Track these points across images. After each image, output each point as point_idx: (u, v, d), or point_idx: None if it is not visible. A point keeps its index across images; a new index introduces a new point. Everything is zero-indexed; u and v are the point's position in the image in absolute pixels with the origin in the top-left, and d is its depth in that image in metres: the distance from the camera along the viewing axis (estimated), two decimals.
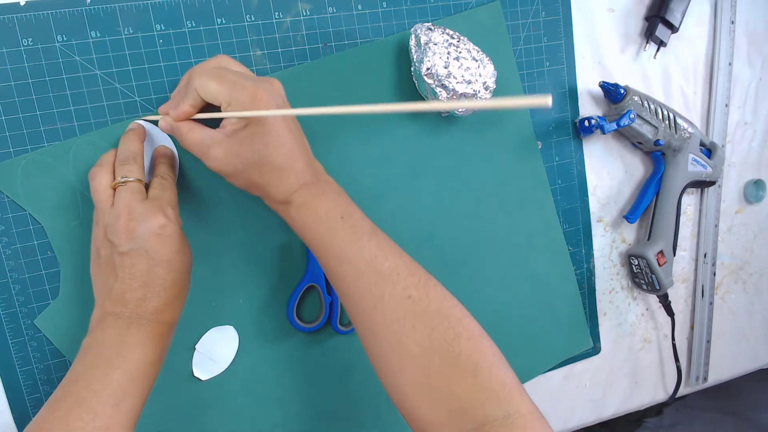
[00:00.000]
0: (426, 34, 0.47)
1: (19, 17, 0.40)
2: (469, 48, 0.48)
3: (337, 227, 0.38)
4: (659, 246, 0.60)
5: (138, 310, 0.37)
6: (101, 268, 0.39)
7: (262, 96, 0.36)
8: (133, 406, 0.36)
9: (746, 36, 0.65)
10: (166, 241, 0.38)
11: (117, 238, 0.37)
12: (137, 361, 0.36)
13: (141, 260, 0.37)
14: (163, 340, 0.38)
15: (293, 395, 0.50)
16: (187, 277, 0.40)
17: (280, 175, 0.38)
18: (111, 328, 0.37)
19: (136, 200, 0.38)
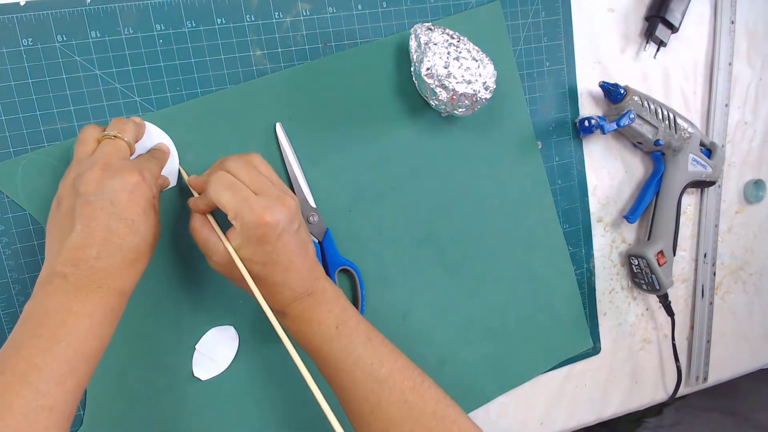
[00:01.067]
0: (426, 34, 0.47)
1: (19, 17, 0.40)
2: (469, 48, 0.48)
3: (332, 337, 0.39)
4: (659, 246, 0.60)
5: (89, 271, 0.34)
6: (58, 220, 0.36)
7: (268, 221, 0.36)
8: (78, 385, 0.33)
9: (746, 36, 0.65)
10: (135, 199, 0.36)
11: (85, 186, 0.35)
12: (84, 333, 0.33)
13: (103, 213, 0.34)
14: (112, 314, 0.35)
15: (293, 395, 0.50)
16: (147, 247, 0.37)
17: (276, 290, 0.39)
18: (57, 293, 0.34)
19: (118, 156, 0.37)
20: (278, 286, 0.39)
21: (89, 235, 0.34)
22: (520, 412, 0.59)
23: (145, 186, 0.37)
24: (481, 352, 0.56)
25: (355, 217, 0.50)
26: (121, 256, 0.35)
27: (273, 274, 0.38)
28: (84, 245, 0.34)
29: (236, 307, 0.47)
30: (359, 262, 0.51)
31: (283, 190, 0.39)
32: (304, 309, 0.39)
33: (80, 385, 0.33)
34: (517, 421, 0.59)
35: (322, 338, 0.39)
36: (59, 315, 0.33)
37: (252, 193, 0.37)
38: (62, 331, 0.33)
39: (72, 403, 0.33)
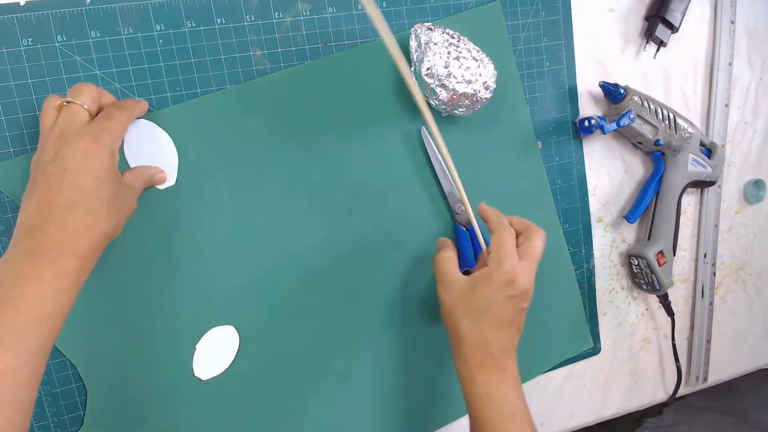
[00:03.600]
0: (426, 33, 0.47)
1: (19, 17, 0.40)
2: (469, 48, 0.48)
3: (507, 419, 0.42)
4: (659, 246, 0.60)
5: (40, 235, 0.34)
6: (27, 189, 0.37)
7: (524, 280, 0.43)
8: (32, 349, 0.33)
9: (746, 36, 0.65)
10: (87, 164, 0.36)
11: (44, 156, 0.36)
12: (33, 298, 0.33)
13: (56, 179, 0.35)
14: (67, 276, 0.35)
15: (293, 395, 0.50)
16: (103, 212, 0.37)
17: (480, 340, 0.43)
18: (10, 262, 0.34)
19: (73, 122, 0.37)
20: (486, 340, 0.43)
21: (42, 201, 0.35)
22: None
23: (99, 148, 0.36)
24: None
25: (356, 217, 0.50)
26: (71, 220, 0.35)
27: (487, 322, 0.43)
28: (37, 212, 0.35)
29: (236, 307, 0.47)
30: (359, 261, 0.51)
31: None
32: (493, 381, 0.43)
33: (35, 349, 0.33)
34: None
35: (499, 416, 0.42)
36: (9, 281, 0.33)
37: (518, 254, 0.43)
38: (10, 297, 0.33)
39: (27, 366, 0.33)
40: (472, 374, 0.43)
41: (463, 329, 0.43)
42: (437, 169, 0.52)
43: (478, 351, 0.43)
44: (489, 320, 0.42)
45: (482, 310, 0.42)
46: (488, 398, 0.43)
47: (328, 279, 0.50)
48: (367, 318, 0.51)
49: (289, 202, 0.48)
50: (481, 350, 0.43)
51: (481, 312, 0.42)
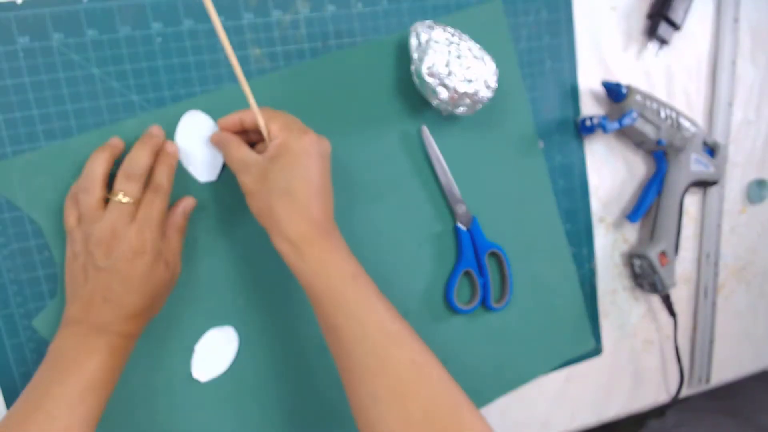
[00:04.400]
0: (427, 32, 0.47)
1: (16, 15, 0.40)
2: (470, 46, 0.48)
3: (348, 285, 0.39)
4: (661, 246, 0.59)
5: (96, 320, 0.39)
6: (75, 270, 0.40)
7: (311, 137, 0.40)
8: (89, 411, 0.37)
9: (750, 34, 0.65)
10: (136, 265, 0.39)
11: (97, 252, 0.39)
12: (93, 368, 0.38)
13: (108, 277, 0.39)
14: (120, 351, 0.40)
15: (293, 396, 0.50)
16: (151, 301, 0.41)
17: (297, 210, 0.39)
18: (72, 336, 0.39)
19: (124, 222, 0.39)
20: (301, 206, 0.39)
21: (95, 292, 0.39)
22: (521, 413, 0.59)
23: (146, 252, 0.40)
24: (482, 352, 0.55)
25: (356, 217, 0.50)
26: (121, 311, 0.40)
27: (299, 188, 0.39)
28: (91, 299, 0.39)
29: (236, 307, 0.47)
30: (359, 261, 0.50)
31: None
32: (323, 250, 0.39)
33: (90, 413, 0.37)
34: (518, 422, 0.59)
35: (338, 284, 0.39)
36: (72, 353, 0.38)
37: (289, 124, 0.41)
38: (73, 366, 0.38)
39: (82, 426, 0.37)
40: (299, 250, 0.39)
41: (275, 206, 0.39)
42: (437, 169, 0.52)
43: (298, 224, 0.39)
44: (303, 187, 0.39)
45: (291, 178, 0.39)
46: (322, 267, 0.39)
47: None
48: None
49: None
50: (301, 222, 0.39)
51: (292, 181, 0.39)
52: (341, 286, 0.39)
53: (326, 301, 0.39)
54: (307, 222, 0.39)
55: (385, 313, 0.39)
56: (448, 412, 0.36)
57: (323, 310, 0.39)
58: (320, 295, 0.39)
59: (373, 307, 0.39)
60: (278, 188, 0.39)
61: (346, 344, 0.38)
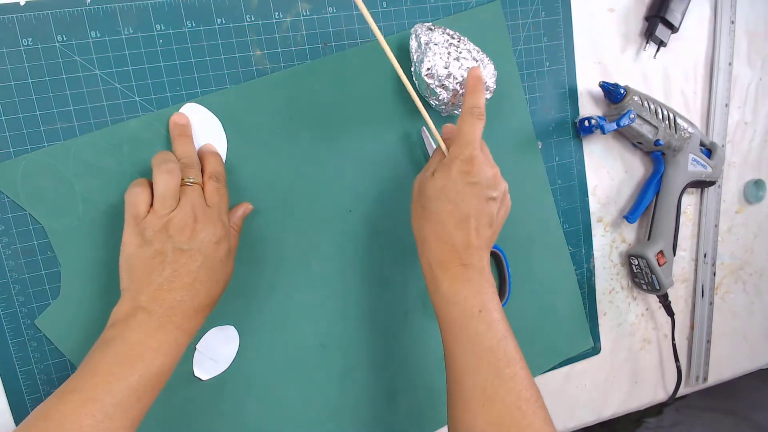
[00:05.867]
0: (426, 34, 0.47)
1: (19, 17, 0.40)
2: (469, 48, 0.48)
3: (473, 318, 0.39)
4: (659, 246, 0.60)
5: (171, 312, 0.37)
6: (147, 258, 0.38)
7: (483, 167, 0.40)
8: (140, 413, 0.36)
9: (746, 36, 0.65)
10: (219, 250, 0.40)
11: (181, 235, 0.38)
12: (157, 368, 0.37)
13: (193, 262, 0.38)
14: (180, 351, 0.39)
15: (293, 395, 0.50)
16: (219, 293, 0.41)
17: (443, 239, 0.40)
18: (140, 327, 0.37)
19: (201, 204, 0.40)
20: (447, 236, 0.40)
21: (177, 279, 0.38)
22: None
23: (227, 235, 0.41)
24: None
25: (356, 217, 0.50)
26: (198, 301, 0.39)
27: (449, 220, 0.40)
28: (171, 288, 0.38)
29: (236, 307, 0.47)
30: (360, 261, 0.51)
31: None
32: (457, 278, 0.40)
33: (141, 413, 0.36)
34: None
35: (462, 316, 0.39)
36: (138, 349, 0.36)
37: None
38: (139, 364, 0.36)
39: (129, 427, 0.36)
40: (434, 273, 0.40)
41: (423, 225, 0.41)
42: None
43: (438, 248, 0.40)
44: (450, 213, 0.39)
45: (443, 201, 0.40)
46: (451, 295, 0.40)
47: (328, 279, 0.50)
48: (366, 318, 0.51)
49: (288, 202, 0.48)
50: (441, 247, 0.40)
51: (441, 204, 0.40)
52: (464, 318, 0.39)
53: (448, 328, 0.40)
54: (447, 249, 0.40)
55: (502, 355, 0.39)
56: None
57: (445, 336, 0.41)
58: (444, 321, 0.40)
59: (490, 348, 0.39)
60: (430, 208, 0.40)
61: (458, 372, 0.39)
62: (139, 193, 0.40)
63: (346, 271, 0.50)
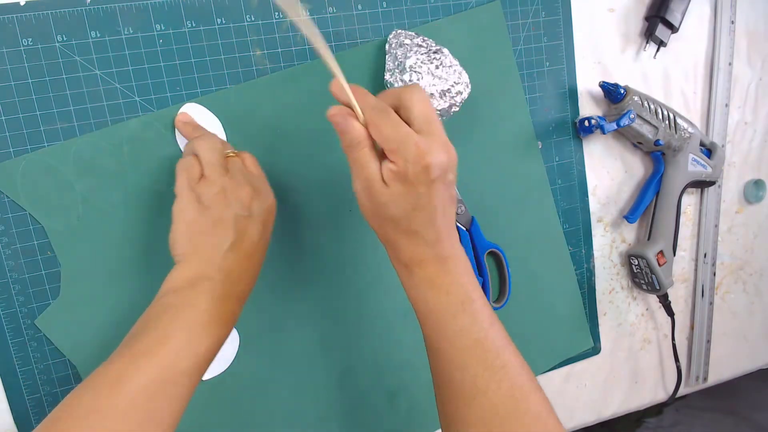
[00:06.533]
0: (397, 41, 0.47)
1: (19, 17, 0.40)
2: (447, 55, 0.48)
3: (457, 312, 0.37)
4: (659, 246, 0.60)
5: (237, 281, 0.37)
6: (209, 224, 0.37)
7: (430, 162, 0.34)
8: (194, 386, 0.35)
9: (746, 36, 0.65)
10: (271, 219, 0.41)
11: (239, 201, 0.38)
12: (220, 340, 0.36)
13: (256, 231, 0.39)
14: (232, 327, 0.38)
15: (293, 395, 0.50)
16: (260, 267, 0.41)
17: (412, 240, 0.37)
18: (208, 295, 0.36)
19: (248, 173, 0.40)
20: (416, 236, 0.37)
21: (241, 248, 0.38)
22: None
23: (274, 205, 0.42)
24: None
25: (356, 217, 0.50)
26: (255, 272, 0.39)
27: (415, 220, 0.36)
28: (238, 257, 0.38)
29: None
30: (360, 261, 0.51)
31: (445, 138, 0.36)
32: (435, 273, 0.37)
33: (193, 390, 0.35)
34: None
35: (445, 310, 0.37)
36: (206, 317, 0.35)
37: (414, 132, 0.35)
38: (206, 334, 0.35)
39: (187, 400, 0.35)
40: (411, 272, 0.38)
41: (387, 231, 0.38)
42: None
43: (410, 248, 0.37)
44: (419, 217, 0.36)
45: (409, 209, 0.36)
46: (430, 290, 0.37)
47: (329, 279, 0.50)
48: (367, 317, 0.51)
49: (288, 202, 0.48)
50: (413, 246, 0.37)
51: (408, 212, 0.36)
52: (447, 312, 0.37)
53: (431, 325, 0.38)
54: (421, 248, 0.37)
55: (491, 346, 0.37)
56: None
57: (428, 332, 0.39)
58: (425, 318, 0.38)
59: (477, 340, 0.37)
60: (392, 216, 0.36)
61: (446, 368, 0.38)
62: (191, 160, 0.40)
63: (346, 271, 0.50)
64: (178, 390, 0.34)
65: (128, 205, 0.44)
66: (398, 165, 0.35)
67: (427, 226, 0.37)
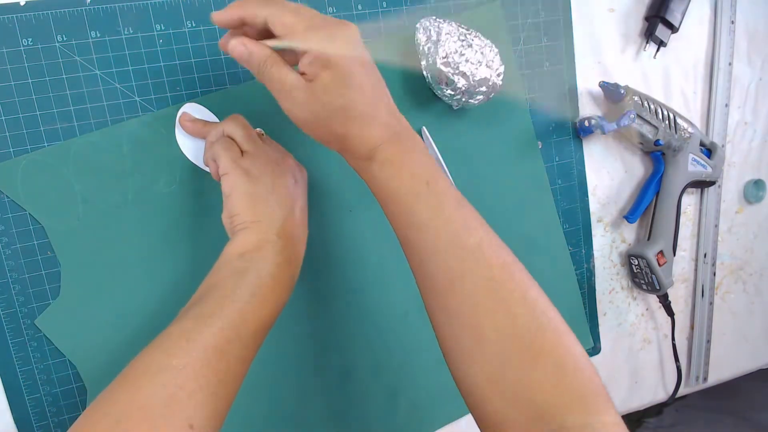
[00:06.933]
0: (435, 25, 0.48)
1: (19, 17, 0.40)
2: (477, 35, 0.48)
3: (421, 194, 0.35)
4: (659, 246, 0.60)
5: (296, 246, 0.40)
6: (266, 193, 0.39)
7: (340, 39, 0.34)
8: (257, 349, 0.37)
9: (746, 36, 0.65)
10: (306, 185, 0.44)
11: (288, 169, 0.41)
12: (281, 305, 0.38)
13: (302, 194, 0.42)
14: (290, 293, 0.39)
15: (293, 396, 0.50)
16: None
17: (364, 123, 0.35)
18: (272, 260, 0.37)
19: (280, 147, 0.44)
20: (366, 118, 0.35)
21: (295, 212, 0.40)
22: None
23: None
24: None
25: (357, 216, 0.50)
26: (305, 235, 0.42)
27: (357, 101, 0.34)
28: (294, 222, 0.39)
29: None
30: (360, 261, 0.51)
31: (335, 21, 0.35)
32: (395, 153, 0.35)
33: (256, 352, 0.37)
34: None
35: (410, 192, 0.35)
36: (271, 282, 0.37)
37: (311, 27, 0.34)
38: (269, 297, 0.37)
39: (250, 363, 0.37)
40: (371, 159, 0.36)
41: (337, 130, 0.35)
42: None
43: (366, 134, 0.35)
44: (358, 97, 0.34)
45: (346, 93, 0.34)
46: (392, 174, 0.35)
47: (328, 279, 0.50)
48: (367, 317, 0.51)
49: None
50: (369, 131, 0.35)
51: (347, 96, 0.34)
52: (412, 195, 0.35)
53: (397, 212, 0.36)
54: (371, 132, 0.35)
55: (462, 225, 0.34)
56: (528, 332, 0.32)
57: (395, 222, 0.37)
58: (391, 205, 0.36)
59: (448, 219, 0.34)
60: (333, 111, 0.34)
61: (418, 257, 0.36)
62: (227, 140, 0.40)
63: (346, 271, 0.50)
64: (245, 352, 0.35)
65: (128, 205, 0.44)
66: (312, 53, 0.33)
67: (372, 105, 0.35)
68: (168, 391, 0.31)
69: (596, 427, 0.30)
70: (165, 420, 0.30)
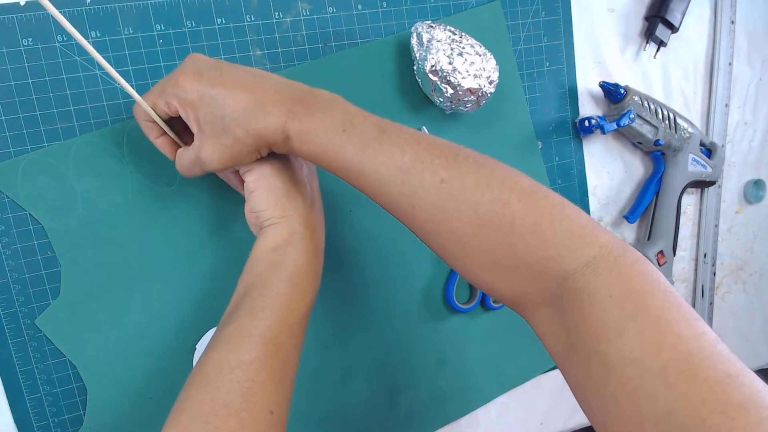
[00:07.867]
0: (428, 31, 0.47)
1: (19, 17, 0.40)
2: (471, 43, 0.48)
3: (343, 142, 0.34)
4: (659, 246, 0.60)
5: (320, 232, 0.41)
6: (290, 186, 0.39)
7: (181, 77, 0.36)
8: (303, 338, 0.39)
9: (746, 36, 0.65)
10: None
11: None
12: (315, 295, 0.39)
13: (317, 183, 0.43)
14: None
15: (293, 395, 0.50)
16: None
17: (256, 110, 0.35)
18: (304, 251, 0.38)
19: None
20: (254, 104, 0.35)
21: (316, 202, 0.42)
22: (520, 411, 0.59)
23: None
24: (481, 351, 0.56)
25: (357, 216, 0.50)
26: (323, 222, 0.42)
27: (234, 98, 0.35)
28: (315, 211, 0.41)
29: None
30: (360, 261, 0.51)
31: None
32: (301, 120, 0.35)
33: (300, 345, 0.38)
34: (517, 420, 0.59)
35: (332, 147, 0.35)
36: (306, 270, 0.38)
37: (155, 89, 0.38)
38: (307, 287, 0.38)
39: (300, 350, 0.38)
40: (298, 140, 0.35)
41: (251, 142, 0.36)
42: None
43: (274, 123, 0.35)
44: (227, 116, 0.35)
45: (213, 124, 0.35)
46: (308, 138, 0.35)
47: (328, 278, 0.50)
48: (367, 317, 0.52)
49: None
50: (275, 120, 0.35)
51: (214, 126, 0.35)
52: (336, 148, 0.35)
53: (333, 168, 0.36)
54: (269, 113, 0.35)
55: (391, 149, 0.34)
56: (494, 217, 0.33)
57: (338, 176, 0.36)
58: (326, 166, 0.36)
59: (376, 152, 0.34)
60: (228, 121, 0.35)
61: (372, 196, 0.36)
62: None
63: (346, 271, 0.50)
64: (295, 341, 0.37)
65: (128, 205, 0.44)
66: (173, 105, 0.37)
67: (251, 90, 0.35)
68: (244, 385, 0.33)
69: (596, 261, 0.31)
70: (248, 412, 0.32)
